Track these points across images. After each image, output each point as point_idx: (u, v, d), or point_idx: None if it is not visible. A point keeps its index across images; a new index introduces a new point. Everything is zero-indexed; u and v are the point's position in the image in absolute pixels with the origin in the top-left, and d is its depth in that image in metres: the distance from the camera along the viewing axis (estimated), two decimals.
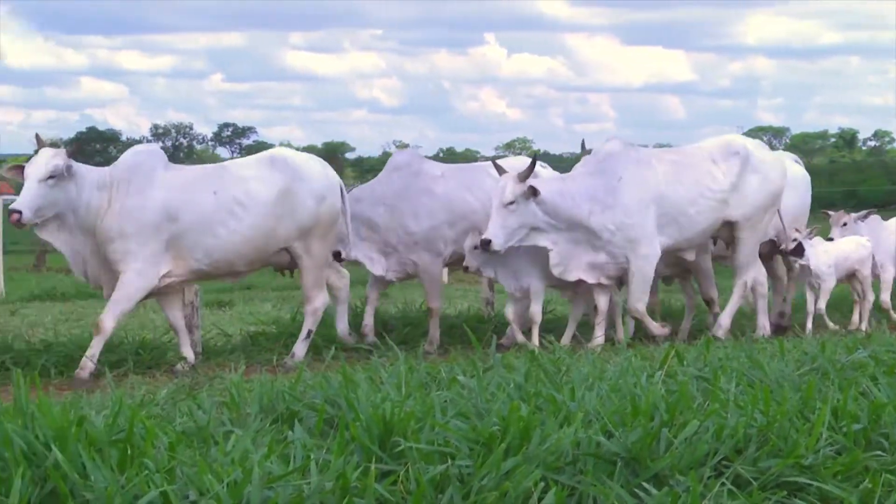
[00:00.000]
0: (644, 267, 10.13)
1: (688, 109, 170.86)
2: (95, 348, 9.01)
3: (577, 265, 10.09)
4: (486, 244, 9.69)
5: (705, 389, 6.19)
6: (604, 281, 10.23)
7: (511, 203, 9.72)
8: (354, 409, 5.36)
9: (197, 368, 9.45)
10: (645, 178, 10.19)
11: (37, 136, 9.12)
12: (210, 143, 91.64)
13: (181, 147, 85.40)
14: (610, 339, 10.37)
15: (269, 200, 9.50)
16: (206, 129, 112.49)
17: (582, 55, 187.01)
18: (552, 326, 10.93)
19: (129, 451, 4.65)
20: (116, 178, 9.18)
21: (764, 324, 11.05)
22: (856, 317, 12.00)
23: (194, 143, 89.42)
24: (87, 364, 8.92)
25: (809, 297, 11.50)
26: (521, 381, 6.32)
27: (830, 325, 11.63)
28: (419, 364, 7.13)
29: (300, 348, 9.90)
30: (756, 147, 10.98)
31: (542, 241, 9.97)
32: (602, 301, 10.28)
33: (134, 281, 9.08)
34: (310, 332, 9.96)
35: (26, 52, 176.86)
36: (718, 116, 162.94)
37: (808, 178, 12.29)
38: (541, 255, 10.18)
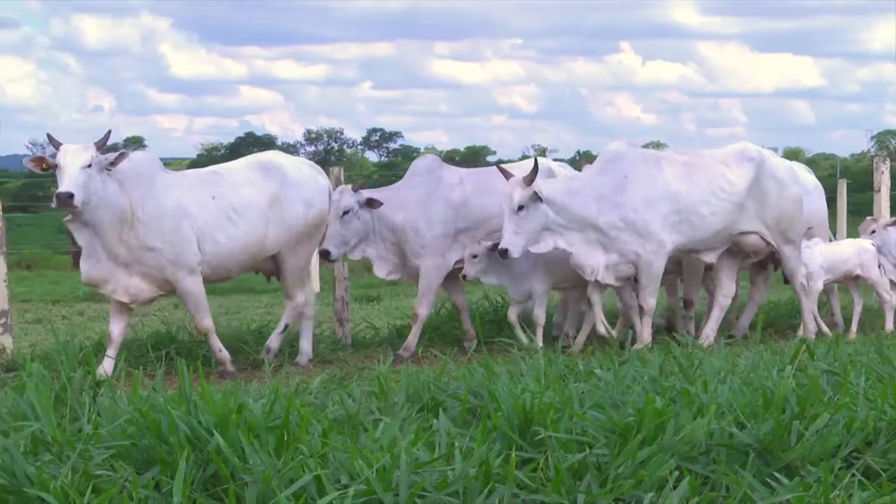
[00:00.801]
0: (653, 261, 9.96)
1: (817, 114, 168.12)
2: (215, 343, 9.26)
3: (601, 266, 9.95)
4: (503, 253, 9.56)
5: (835, 383, 6.28)
6: (615, 283, 10.11)
7: (521, 208, 9.62)
8: (496, 399, 5.56)
9: (347, 360, 9.77)
10: (651, 176, 10.05)
11: (48, 135, 8.96)
12: (359, 147, 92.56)
13: (332, 151, 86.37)
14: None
15: (263, 206, 9.48)
16: (355, 134, 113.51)
17: (714, 62, 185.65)
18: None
19: (285, 437, 4.91)
20: (125, 181, 8.93)
21: (709, 333, 10.60)
22: (889, 323, 11.56)
23: (345, 147, 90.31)
24: (223, 357, 9.25)
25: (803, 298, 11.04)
26: (655, 374, 6.47)
27: (824, 328, 11.23)
28: (557, 357, 7.31)
29: (275, 341, 9.84)
30: (771, 155, 10.78)
31: (559, 242, 9.83)
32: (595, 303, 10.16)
33: (192, 284, 9.11)
34: (286, 325, 9.91)
35: (190, 63, 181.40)
36: (846, 120, 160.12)
37: (819, 186, 12.05)
38: (542, 258, 10.09)
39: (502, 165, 10.37)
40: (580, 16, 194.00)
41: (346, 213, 10.12)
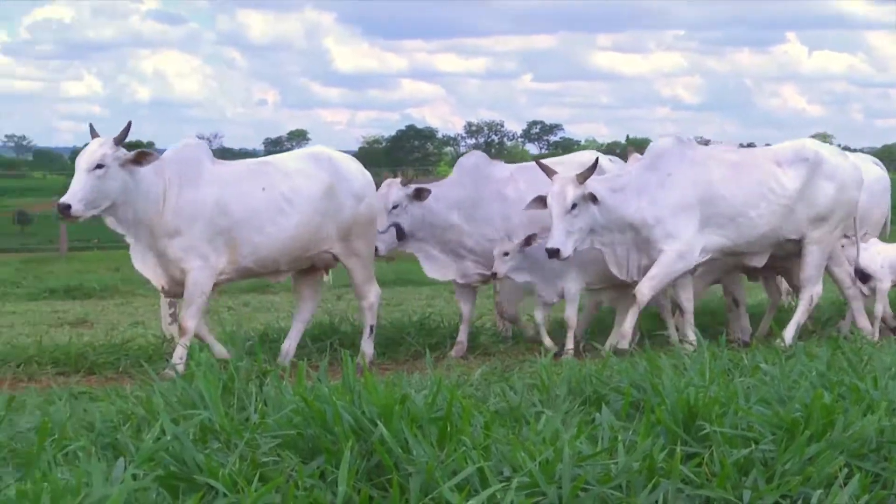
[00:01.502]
0: (674, 262, 9.52)
1: None
2: (180, 350, 8.67)
3: (634, 267, 9.64)
4: (554, 254, 9.19)
5: None
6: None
7: (574, 207, 9.27)
8: (660, 393, 5.53)
9: (508, 353, 9.78)
10: (695, 177, 9.68)
11: (90, 126, 8.79)
12: (520, 139, 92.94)
13: (493, 144, 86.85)
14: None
15: (316, 197, 9.27)
16: (515, 127, 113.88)
17: (883, 51, 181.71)
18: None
19: (447, 429, 4.91)
20: (166, 170, 8.86)
21: (864, 325, 10.26)
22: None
23: (505, 139, 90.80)
24: (174, 370, 8.00)
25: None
26: (822, 369, 6.35)
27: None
28: (722, 352, 7.22)
29: (367, 346, 9.61)
30: (831, 154, 10.25)
31: (596, 241, 9.53)
32: (684, 299, 9.76)
33: (200, 278, 8.82)
34: (372, 327, 9.68)
35: (352, 57, 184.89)
36: None
37: (887, 181, 11.51)
38: (576, 257, 9.62)
39: (542, 161, 10.01)
40: (745, 6, 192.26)
41: (394, 207, 9.93)
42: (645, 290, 9.51)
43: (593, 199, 9.31)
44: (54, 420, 5.43)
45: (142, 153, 8.66)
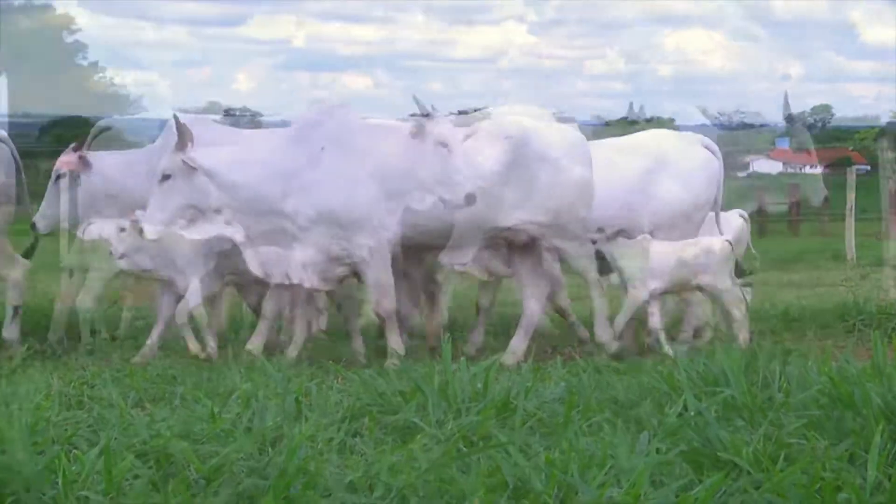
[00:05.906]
0: (372, 261, 7.84)
1: None
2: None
3: (288, 264, 7.86)
4: (139, 231, 7.76)
5: None
6: (322, 286, 8.03)
7: (166, 178, 7.74)
8: None
9: None
10: (358, 147, 7.84)
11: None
12: None
13: None
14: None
15: None
16: None
17: None
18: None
19: None
20: None
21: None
22: None
23: None
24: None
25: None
26: None
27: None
28: None
29: (9, 333, 8.74)
30: (544, 128, 8.18)
31: (227, 228, 7.84)
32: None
33: None
34: (16, 308, 8.71)
35: (881, 29, 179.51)
36: None
37: (705, 164, 8.96)
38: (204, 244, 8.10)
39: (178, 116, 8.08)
40: None
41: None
42: (385, 304, 7.96)
43: (191, 166, 7.79)
44: (579, 392, 5.59)
45: None
